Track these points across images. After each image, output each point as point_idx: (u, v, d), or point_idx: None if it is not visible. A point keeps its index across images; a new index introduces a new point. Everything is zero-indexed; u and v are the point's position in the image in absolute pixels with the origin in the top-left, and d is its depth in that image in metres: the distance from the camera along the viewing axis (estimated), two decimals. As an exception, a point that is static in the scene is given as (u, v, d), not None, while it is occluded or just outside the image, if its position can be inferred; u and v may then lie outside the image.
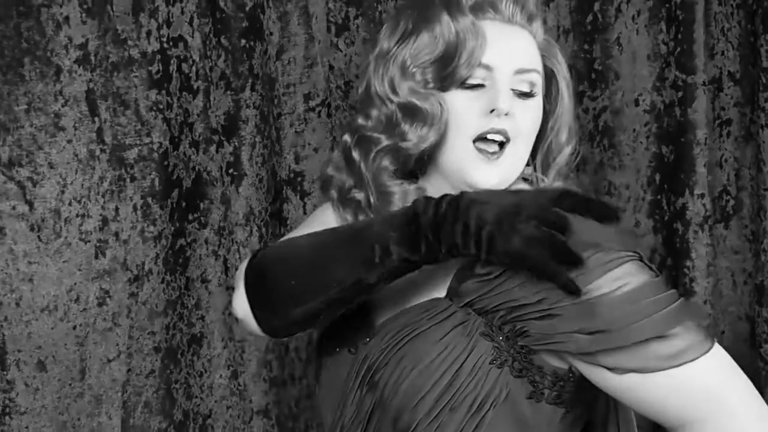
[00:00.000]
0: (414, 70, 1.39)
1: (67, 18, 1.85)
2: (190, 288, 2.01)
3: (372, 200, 1.43)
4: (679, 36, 2.20)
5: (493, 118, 1.35)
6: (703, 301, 2.21)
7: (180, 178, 1.97)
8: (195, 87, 1.98)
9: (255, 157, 2.02)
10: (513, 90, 1.38)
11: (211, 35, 1.98)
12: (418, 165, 1.44)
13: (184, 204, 1.99)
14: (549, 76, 1.47)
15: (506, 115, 1.36)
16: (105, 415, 1.94)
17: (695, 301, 2.13)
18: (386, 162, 1.42)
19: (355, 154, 1.45)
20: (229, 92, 1.99)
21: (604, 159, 2.28)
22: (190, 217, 2.00)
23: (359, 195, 1.46)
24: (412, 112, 1.38)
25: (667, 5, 2.22)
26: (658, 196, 2.27)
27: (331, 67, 2.10)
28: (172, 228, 1.97)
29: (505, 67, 1.37)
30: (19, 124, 1.84)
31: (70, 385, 1.91)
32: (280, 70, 2.06)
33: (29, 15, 1.83)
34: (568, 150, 1.49)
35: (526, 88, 1.39)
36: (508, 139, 1.36)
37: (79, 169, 1.89)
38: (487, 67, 1.37)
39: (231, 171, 2.01)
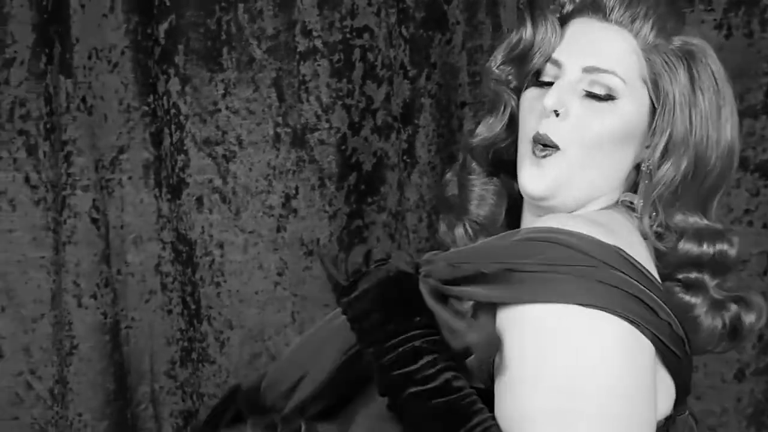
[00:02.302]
0: (497, 69, 1.26)
1: (260, 11, 1.94)
2: (366, 268, 1.99)
3: None
4: None
5: (544, 119, 1.16)
6: None
7: (359, 162, 1.96)
8: (380, 75, 1.95)
9: (428, 144, 1.93)
10: (585, 90, 1.16)
11: (396, 25, 1.93)
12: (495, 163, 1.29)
13: (362, 187, 1.97)
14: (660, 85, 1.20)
15: (557, 115, 1.15)
16: (279, 375, 2.00)
17: None
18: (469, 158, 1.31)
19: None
20: (406, 81, 1.93)
21: None
22: (369, 200, 1.98)
23: None
24: (488, 107, 1.27)
25: None
26: None
27: (519, 56, 1.92)
28: (348, 209, 1.97)
29: (573, 63, 1.16)
30: (216, 108, 1.97)
31: (251, 344, 2.01)
32: (465, 59, 1.94)
33: (229, 9, 1.95)
34: (665, 170, 1.17)
35: (597, 90, 1.15)
36: (553, 146, 1.15)
37: (266, 149, 1.97)
38: (557, 63, 1.18)
39: (405, 158, 1.95)
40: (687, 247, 1.12)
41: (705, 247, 1.12)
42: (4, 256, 2.05)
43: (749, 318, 1.18)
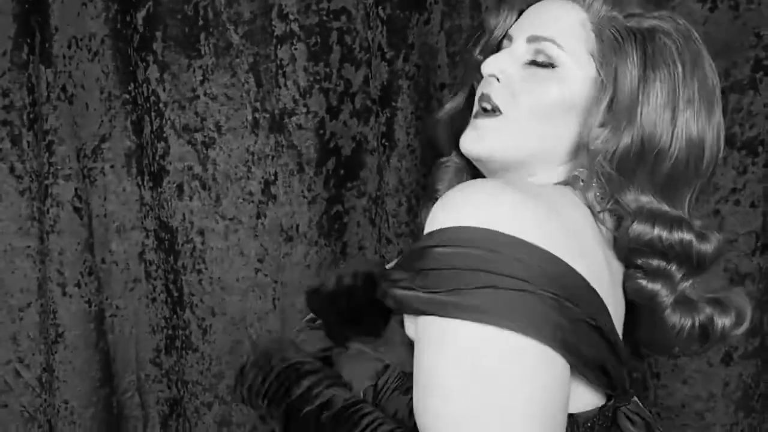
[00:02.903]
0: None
1: (237, -4, 1.91)
2: (346, 253, 1.96)
3: None
4: None
5: (488, 84, 1.16)
6: None
7: (338, 147, 1.92)
8: (358, 58, 1.91)
9: (407, 127, 1.88)
10: (528, 59, 1.16)
11: (373, 7, 1.89)
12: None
13: (342, 172, 1.93)
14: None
15: (498, 81, 1.14)
16: (261, 362, 1.97)
17: None
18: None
19: None
20: (384, 63, 1.88)
21: None
22: (349, 185, 1.94)
23: None
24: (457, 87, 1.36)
25: None
26: None
27: (498, 35, 1.87)
28: (327, 194, 1.93)
29: (519, 36, 1.19)
30: (195, 94, 1.94)
31: (232, 331, 1.98)
32: (444, 40, 1.89)
33: (205, -6, 1.92)
34: (602, 140, 1.11)
35: (538, 58, 1.15)
36: (493, 107, 1.14)
37: (245, 135, 1.94)
38: (509, 38, 1.21)
39: (383, 141, 1.90)
40: (639, 228, 1.07)
41: (658, 230, 1.07)
42: (-10, 246, 2.05)
43: (723, 321, 1.12)
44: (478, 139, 1.13)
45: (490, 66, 1.14)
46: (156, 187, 1.99)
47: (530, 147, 1.12)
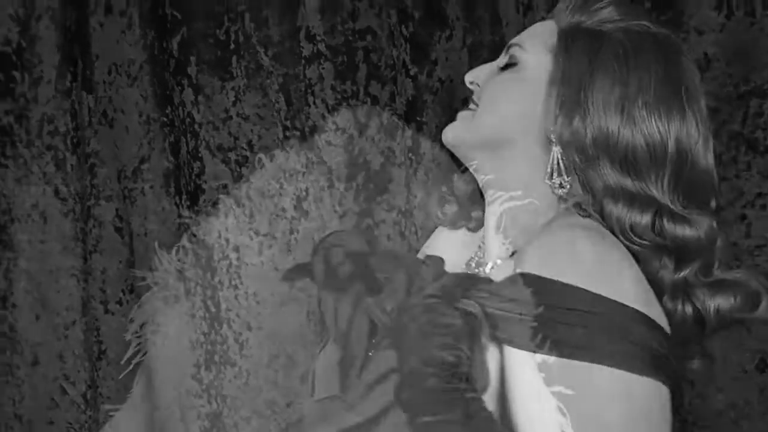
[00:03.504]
0: None
1: (266, 19, 1.98)
2: (378, 266, 2.00)
3: None
4: None
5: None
6: None
7: (367, 162, 1.98)
8: (384, 75, 1.97)
9: (432, 141, 1.94)
10: (501, 66, 1.26)
11: (397, 25, 1.95)
12: None
13: (371, 186, 1.98)
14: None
15: (478, 86, 1.25)
16: (297, 377, 2.02)
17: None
18: None
19: None
20: (408, 79, 1.94)
21: None
22: (378, 199, 1.99)
23: None
24: None
25: None
26: None
27: (520, 49, 1.91)
28: (358, 208, 1.98)
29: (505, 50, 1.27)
30: (228, 115, 2.02)
31: (268, 345, 2.03)
32: (467, 55, 1.94)
33: (236, 19, 2.00)
34: (556, 123, 1.15)
35: (506, 60, 1.23)
36: (476, 104, 1.23)
37: (276, 152, 2.00)
38: None
39: (410, 155, 1.95)
40: (608, 208, 1.10)
41: (621, 207, 1.09)
42: (37, 266, 2.14)
43: (716, 302, 1.13)
44: (450, 128, 1.23)
45: (468, 75, 1.25)
46: (193, 206, 2.07)
47: (495, 131, 1.19)
